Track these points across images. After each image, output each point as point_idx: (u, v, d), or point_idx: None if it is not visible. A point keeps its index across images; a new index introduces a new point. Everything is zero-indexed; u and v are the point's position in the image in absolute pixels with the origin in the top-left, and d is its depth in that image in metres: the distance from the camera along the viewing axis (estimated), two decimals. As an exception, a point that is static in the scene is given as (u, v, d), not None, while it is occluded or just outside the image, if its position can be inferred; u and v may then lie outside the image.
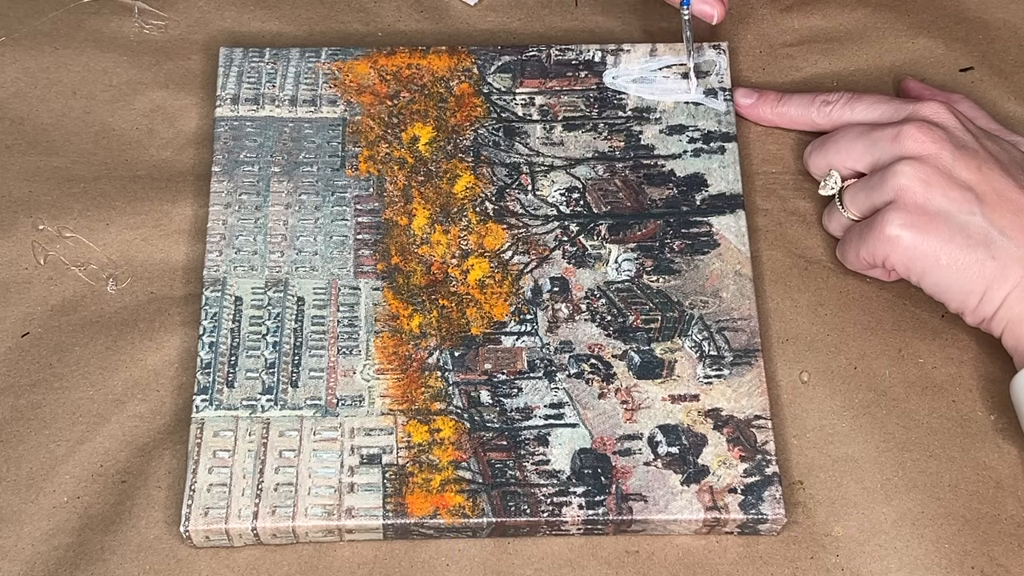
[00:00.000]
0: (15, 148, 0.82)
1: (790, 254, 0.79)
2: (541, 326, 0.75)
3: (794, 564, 0.70)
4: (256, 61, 0.83)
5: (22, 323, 0.76)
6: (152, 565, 0.70)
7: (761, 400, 0.73)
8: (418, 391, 0.73)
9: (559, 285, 0.76)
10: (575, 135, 0.81)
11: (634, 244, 0.78)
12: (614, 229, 0.78)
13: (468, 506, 0.69)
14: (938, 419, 0.74)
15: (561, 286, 0.76)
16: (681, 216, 0.79)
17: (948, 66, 0.86)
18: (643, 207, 0.79)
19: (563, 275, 0.77)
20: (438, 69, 0.83)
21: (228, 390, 0.72)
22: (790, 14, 0.88)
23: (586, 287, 0.76)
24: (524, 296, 0.76)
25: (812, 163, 0.79)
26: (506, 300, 0.76)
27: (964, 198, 0.71)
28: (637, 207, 0.79)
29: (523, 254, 0.77)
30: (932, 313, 0.77)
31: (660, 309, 0.76)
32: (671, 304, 0.76)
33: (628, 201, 0.79)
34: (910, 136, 0.73)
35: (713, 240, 0.78)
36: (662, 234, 0.78)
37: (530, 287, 0.76)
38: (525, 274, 0.77)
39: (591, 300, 0.76)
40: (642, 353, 0.74)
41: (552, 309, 0.76)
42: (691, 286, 0.76)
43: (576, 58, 0.84)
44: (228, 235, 0.77)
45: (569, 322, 0.75)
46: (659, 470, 0.71)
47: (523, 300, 0.76)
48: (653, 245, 0.78)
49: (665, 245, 0.78)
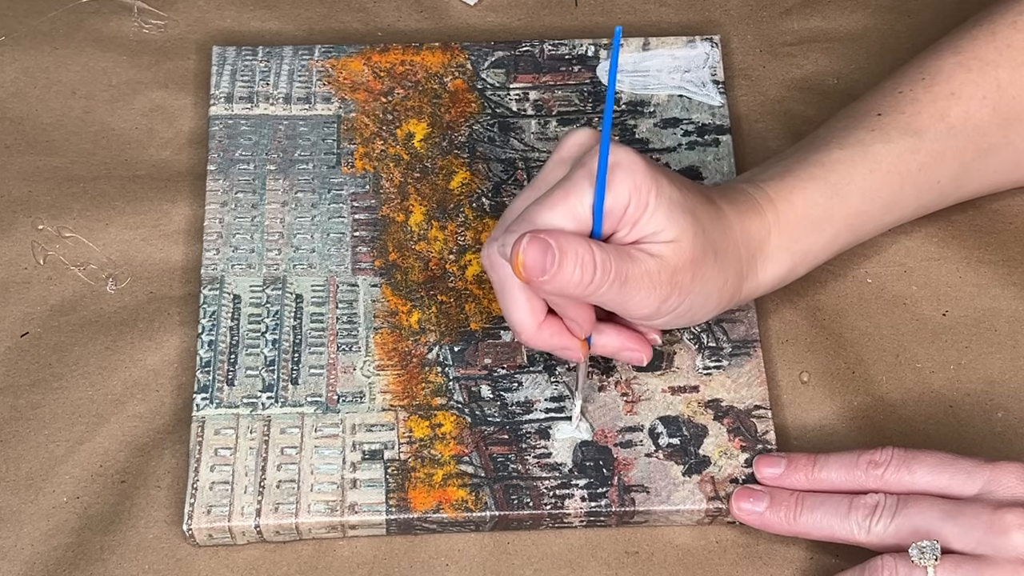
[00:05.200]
0: (15, 148, 0.81)
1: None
2: (540, 320, 0.74)
3: (794, 564, 0.69)
4: (249, 59, 0.82)
5: (21, 323, 0.75)
6: (152, 565, 0.69)
7: (760, 390, 0.72)
8: (418, 387, 0.72)
9: (557, 279, 0.75)
10: (570, 130, 0.79)
11: (631, 237, 0.76)
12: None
13: (471, 500, 0.68)
14: (935, 425, 0.73)
15: (559, 279, 0.75)
16: (678, 208, 0.77)
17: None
18: (640, 200, 0.77)
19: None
20: (432, 65, 0.82)
21: (228, 388, 0.71)
22: (790, 14, 0.87)
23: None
24: (522, 290, 0.75)
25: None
26: (504, 294, 0.74)
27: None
28: (634, 200, 0.77)
29: (521, 249, 0.76)
30: (930, 318, 0.76)
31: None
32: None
33: (625, 194, 0.78)
34: (1018, 527, 0.62)
35: (710, 231, 0.76)
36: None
37: (528, 281, 0.75)
38: (523, 268, 0.75)
39: (589, 293, 0.74)
40: (641, 345, 0.73)
41: (550, 303, 0.74)
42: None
43: (569, 53, 0.83)
44: (225, 233, 0.76)
45: (568, 315, 0.74)
46: (660, 461, 0.70)
47: (521, 294, 0.74)
48: (650, 237, 0.76)
49: (662, 237, 0.76)
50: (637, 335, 0.69)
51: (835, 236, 0.70)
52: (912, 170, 0.70)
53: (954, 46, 0.72)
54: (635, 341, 0.69)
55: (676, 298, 0.65)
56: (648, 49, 0.83)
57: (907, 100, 0.71)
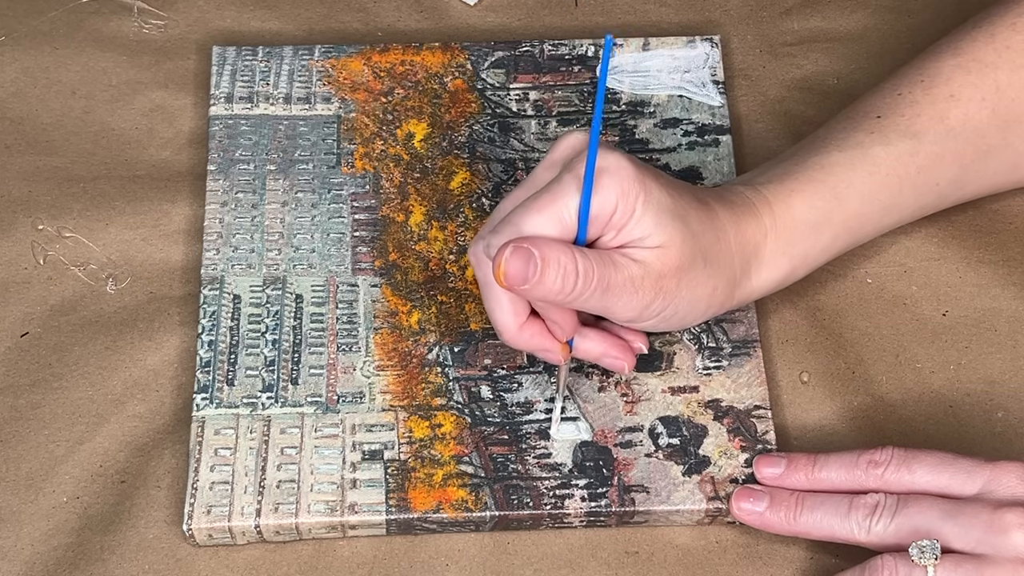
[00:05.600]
0: (15, 148, 0.81)
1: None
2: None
3: (794, 564, 0.69)
4: (249, 59, 0.82)
5: (21, 323, 0.75)
6: (152, 565, 0.68)
7: (760, 390, 0.72)
8: (418, 387, 0.71)
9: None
10: (563, 132, 0.79)
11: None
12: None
13: (471, 500, 0.68)
14: (935, 425, 0.73)
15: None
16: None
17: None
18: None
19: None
20: (432, 65, 0.82)
21: (228, 388, 0.71)
22: (790, 14, 0.87)
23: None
24: (522, 290, 0.74)
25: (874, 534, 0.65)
26: (504, 294, 0.74)
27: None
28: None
29: (521, 248, 0.76)
30: (930, 318, 0.76)
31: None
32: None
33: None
34: (1017, 527, 0.62)
35: (710, 232, 0.76)
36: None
37: (528, 281, 0.74)
38: (523, 268, 0.75)
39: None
40: (641, 345, 0.73)
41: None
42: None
43: (569, 53, 0.83)
44: (225, 234, 0.76)
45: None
46: (660, 461, 0.69)
47: (521, 294, 0.74)
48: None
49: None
50: (621, 342, 0.68)
51: (834, 239, 0.70)
52: (911, 172, 0.70)
53: (953, 48, 0.72)
54: (618, 349, 0.68)
55: (660, 303, 0.64)
56: (648, 49, 0.82)
57: (906, 102, 0.71)
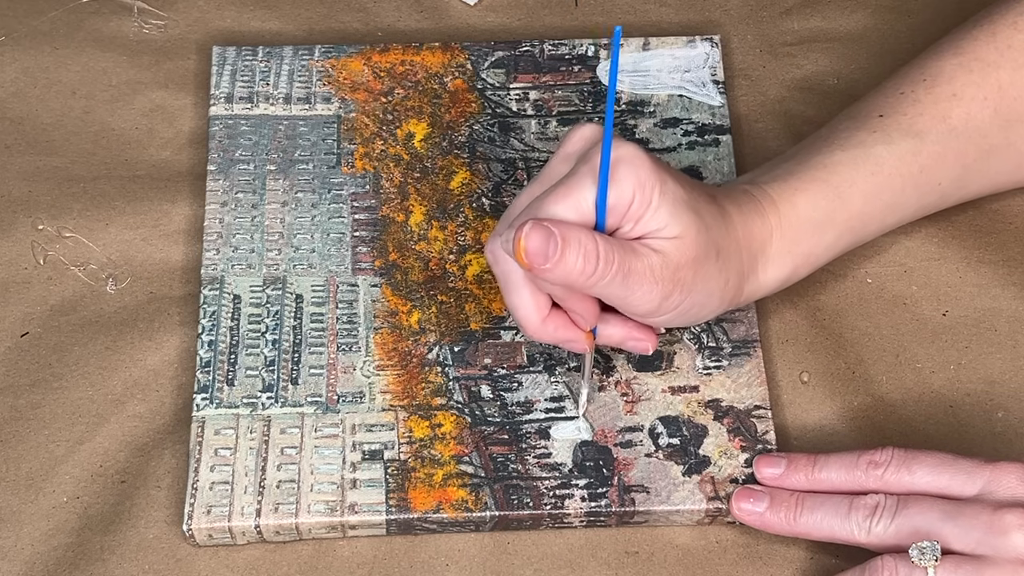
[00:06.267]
0: (15, 148, 0.81)
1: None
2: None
3: (794, 564, 0.69)
4: (249, 59, 0.82)
5: (21, 323, 0.75)
6: (152, 565, 0.68)
7: (760, 390, 0.71)
8: (418, 387, 0.71)
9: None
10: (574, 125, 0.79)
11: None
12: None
13: (471, 500, 0.68)
14: (935, 425, 0.72)
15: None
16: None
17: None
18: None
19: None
20: (432, 65, 0.82)
21: (228, 388, 0.71)
22: (790, 14, 0.87)
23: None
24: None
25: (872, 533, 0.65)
26: (504, 294, 0.74)
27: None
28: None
29: (521, 248, 0.75)
30: (930, 318, 0.75)
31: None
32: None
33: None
34: (1017, 528, 0.61)
35: (710, 231, 0.76)
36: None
37: (528, 281, 0.74)
38: (523, 268, 0.75)
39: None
40: (641, 345, 0.73)
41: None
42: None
43: (569, 53, 0.83)
44: (225, 234, 0.76)
45: (568, 315, 0.74)
46: (660, 461, 0.69)
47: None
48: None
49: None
50: (641, 324, 0.68)
51: (837, 238, 0.70)
52: (914, 172, 0.70)
53: (955, 47, 0.72)
54: (640, 331, 0.68)
55: (678, 295, 0.64)
56: (648, 49, 0.82)
57: (908, 101, 0.71)
